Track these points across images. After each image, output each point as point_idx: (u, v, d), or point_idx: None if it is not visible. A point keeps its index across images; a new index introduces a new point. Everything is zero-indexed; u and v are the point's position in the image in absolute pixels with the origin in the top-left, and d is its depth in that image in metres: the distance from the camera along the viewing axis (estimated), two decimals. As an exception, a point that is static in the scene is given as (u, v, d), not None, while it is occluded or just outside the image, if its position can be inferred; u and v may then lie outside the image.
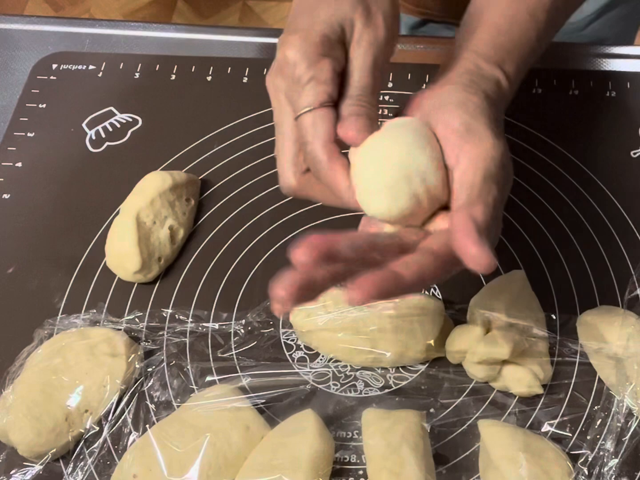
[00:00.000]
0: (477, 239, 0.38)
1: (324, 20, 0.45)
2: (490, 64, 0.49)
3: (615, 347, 0.55)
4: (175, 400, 0.58)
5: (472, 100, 0.45)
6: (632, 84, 0.73)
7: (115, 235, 0.64)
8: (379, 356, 0.57)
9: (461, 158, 0.43)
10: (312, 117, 0.44)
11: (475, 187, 0.42)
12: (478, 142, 0.43)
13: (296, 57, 0.44)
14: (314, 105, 0.44)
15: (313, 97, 0.44)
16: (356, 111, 0.44)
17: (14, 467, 0.55)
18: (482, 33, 0.51)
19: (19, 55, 0.80)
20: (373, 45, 0.45)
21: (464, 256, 0.39)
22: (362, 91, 0.45)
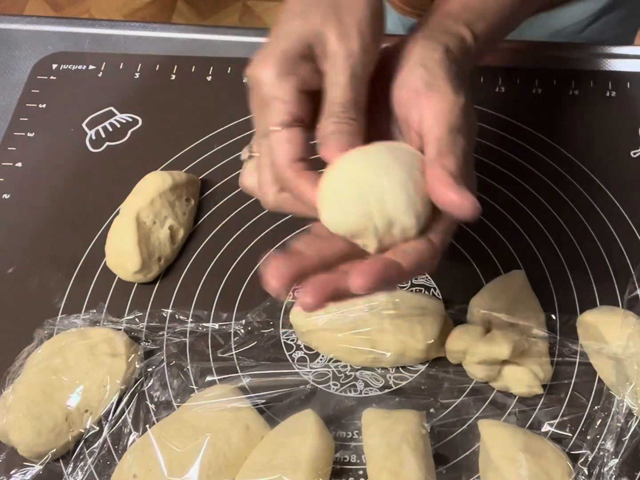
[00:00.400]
0: (455, 186, 0.39)
1: (286, 38, 0.45)
2: (456, 21, 0.49)
3: (615, 347, 0.55)
4: (175, 400, 0.58)
5: (432, 57, 0.45)
6: (632, 84, 0.73)
7: (115, 235, 0.64)
8: (379, 356, 0.57)
9: (424, 115, 0.43)
10: (276, 139, 0.44)
11: (443, 140, 0.42)
12: (439, 97, 0.43)
13: (260, 76, 0.44)
14: (278, 126, 0.44)
15: (277, 118, 0.44)
16: (337, 129, 0.43)
17: (14, 467, 0.55)
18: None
19: (19, 55, 0.80)
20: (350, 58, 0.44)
21: (447, 205, 0.39)
22: (342, 107, 0.44)
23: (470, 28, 0.49)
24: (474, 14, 0.50)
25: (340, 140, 0.43)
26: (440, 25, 0.48)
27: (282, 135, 0.44)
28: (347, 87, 0.44)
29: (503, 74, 0.74)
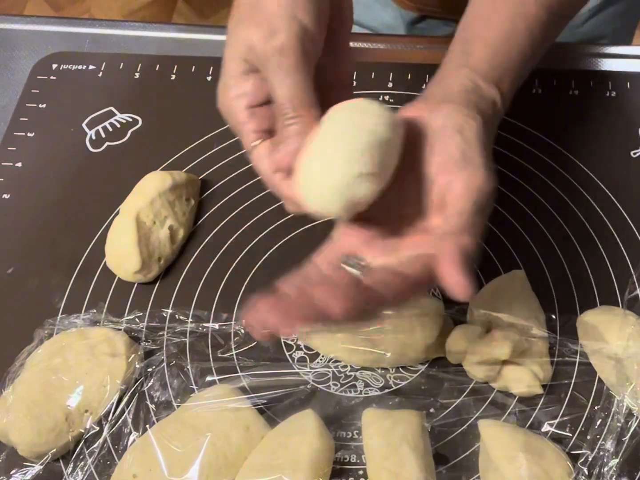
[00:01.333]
0: (462, 269, 0.41)
1: (230, 57, 0.46)
2: (487, 82, 0.49)
3: (615, 347, 0.55)
4: (175, 400, 0.58)
5: (471, 125, 0.45)
6: (632, 84, 0.73)
7: (115, 235, 0.64)
8: (379, 356, 0.57)
9: (455, 184, 0.44)
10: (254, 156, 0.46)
11: (465, 216, 0.43)
12: (473, 171, 0.44)
13: (221, 107, 0.47)
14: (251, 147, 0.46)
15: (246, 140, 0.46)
16: (286, 133, 0.44)
17: (14, 467, 0.55)
18: (480, 49, 0.51)
19: (19, 55, 0.80)
20: (277, 55, 0.44)
21: (448, 282, 0.41)
22: (286, 108, 0.44)
23: (499, 87, 0.50)
24: (500, 70, 0.50)
25: (291, 145, 0.44)
26: (474, 85, 0.49)
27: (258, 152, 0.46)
28: (280, 85, 0.44)
29: (503, 74, 0.74)
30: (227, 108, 0.47)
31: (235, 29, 0.46)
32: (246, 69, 0.46)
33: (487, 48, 0.51)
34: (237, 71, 0.46)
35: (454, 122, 0.45)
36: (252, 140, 0.46)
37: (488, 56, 0.51)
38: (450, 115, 0.46)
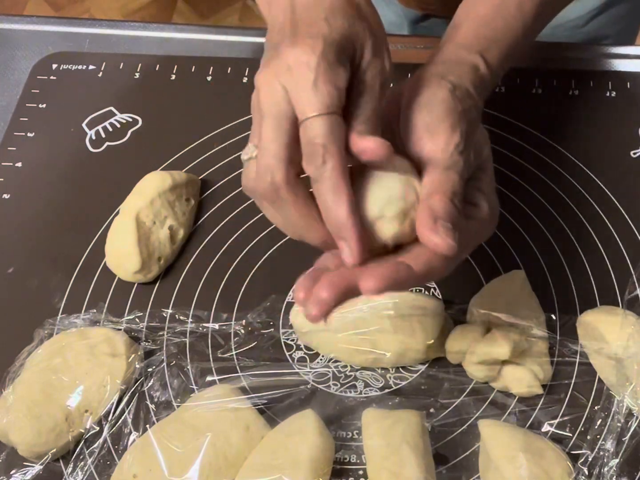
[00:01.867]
0: (431, 225, 0.41)
1: (341, 34, 0.43)
2: (469, 51, 0.50)
3: (615, 347, 0.55)
4: (175, 400, 0.58)
5: (435, 95, 0.45)
6: (632, 84, 0.73)
7: (115, 235, 0.64)
8: (379, 356, 0.57)
9: (421, 156, 0.44)
10: (328, 122, 0.42)
11: (435, 179, 0.43)
12: (435, 139, 0.44)
13: (313, 60, 0.42)
14: (327, 111, 0.42)
15: (329, 100, 0.42)
16: (372, 129, 0.43)
17: (14, 467, 0.55)
18: (467, 25, 0.51)
19: (19, 55, 0.80)
20: (381, 74, 0.44)
21: (426, 244, 0.41)
22: (373, 112, 0.44)
23: (483, 56, 0.50)
24: (485, 42, 0.50)
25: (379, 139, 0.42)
26: (452, 55, 0.49)
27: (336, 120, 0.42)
28: (379, 95, 0.44)
29: (503, 74, 0.74)
30: (325, 64, 0.42)
31: (340, 18, 0.44)
32: (350, 54, 0.44)
33: (473, 22, 0.52)
34: (346, 47, 0.43)
35: (423, 95, 0.46)
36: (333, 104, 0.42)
37: (472, 29, 0.51)
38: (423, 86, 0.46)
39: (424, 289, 0.62)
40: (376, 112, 0.44)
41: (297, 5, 0.45)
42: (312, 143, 0.42)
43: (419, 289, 0.62)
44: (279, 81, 0.42)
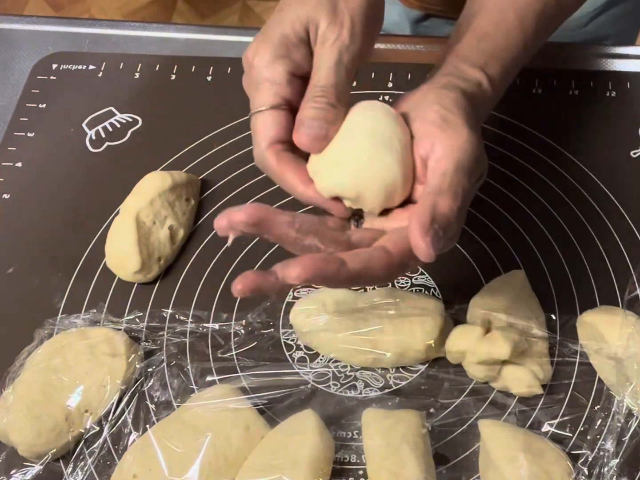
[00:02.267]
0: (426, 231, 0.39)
1: (286, 21, 0.45)
2: (470, 66, 0.49)
3: (615, 347, 0.55)
4: (175, 400, 0.58)
5: (448, 96, 0.46)
6: (632, 84, 0.73)
7: (115, 235, 0.64)
8: (379, 356, 0.57)
9: (436, 146, 0.43)
10: (261, 119, 0.45)
11: (447, 176, 0.42)
12: (453, 132, 0.43)
13: (254, 58, 0.45)
14: (266, 107, 0.44)
15: (265, 98, 0.45)
16: (313, 115, 0.44)
17: (14, 467, 0.55)
18: (469, 38, 0.51)
19: (19, 55, 0.80)
20: (336, 43, 0.44)
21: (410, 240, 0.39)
22: (322, 91, 0.44)
23: (485, 71, 0.49)
24: (487, 56, 0.50)
25: (314, 129, 0.44)
26: (455, 70, 0.49)
27: (266, 116, 0.45)
28: (330, 71, 0.44)
29: (503, 74, 0.74)
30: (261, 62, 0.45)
31: (297, 5, 0.45)
32: (297, 39, 0.45)
33: (474, 36, 0.51)
34: (286, 34, 0.45)
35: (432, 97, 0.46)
36: (266, 104, 0.45)
37: (474, 43, 0.51)
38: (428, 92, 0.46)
39: (423, 289, 0.62)
40: (332, 84, 0.44)
41: None
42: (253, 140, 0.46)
43: (419, 289, 0.62)
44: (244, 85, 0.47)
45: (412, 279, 0.63)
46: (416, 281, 0.63)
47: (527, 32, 0.53)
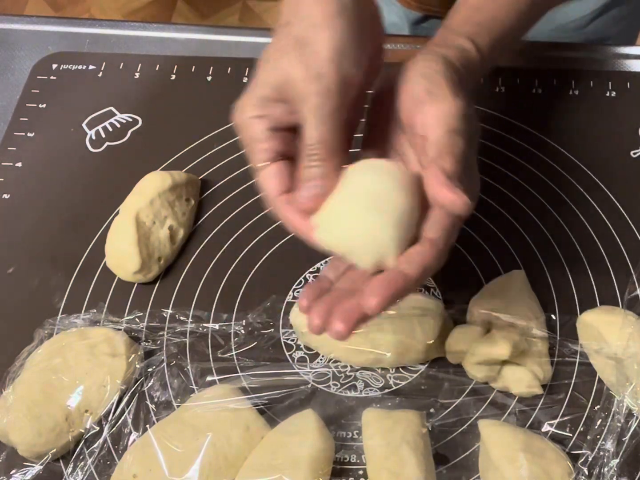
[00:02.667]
0: (448, 184, 0.42)
1: (262, 83, 0.47)
2: (458, 35, 0.51)
3: (615, 347, 0.55)
4: (175, 400, 0.58)
5: (431, 67, 0.47)
6: (632, 84, 0.73)
7: (114, 235, 0.64)
8: (379, 356, 0.57)
9: (426, 119, 0.45)
10: (262, 174, 0.47)
11: (441, 141, 0.44)
12: (439, 102, 0.45)
13: (238, 121, 0.48)
14: (262, 162, 0.47)
15: (258, 155, 0.47)
16: (307, 175, 0.45)
17: (14, 467, 0.55)
18: (460, 11, 0.53)
19: (19, 55, 0.80)
20: (315, 99, 0.45)
21: (440, 201, 0.42)
22: (312, 149, 0.45)
23: (472, 40, 0.50)
24: (476, 26, 0.52)
25: (310, 190, 0.45)
26: (441, 40, 0.50)
27: (267, 171, 0.47)
28: (315, 128, 0.45)
29: (503, 74, 0.74)
30: (244, 124, 0.48)
31: (277, 58, 0.46)
32: (275, 97, 0.47)
33: (465, 9, 0.53)
34: (265, 95, 0.47)
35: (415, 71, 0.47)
36: (263, 160, 0.47)
37: (465, 16, 0.53)
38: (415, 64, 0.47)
39: (424, 289, 0.62)
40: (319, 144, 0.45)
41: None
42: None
43: (419, 289, 0.62)
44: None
45: (412, 279, 0.63)
46: (416, 281, 0.63)
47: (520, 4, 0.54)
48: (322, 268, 0.64)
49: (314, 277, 0.63)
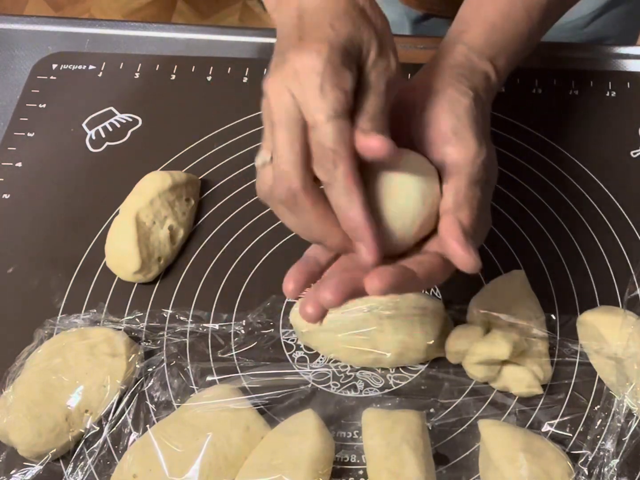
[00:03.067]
0: (464, 242, 0.42)
1: (346, 37, 0.43)
2: (481, 58, 0.50)
3: (615, 347, 0.55)
4: (175, 400, 0.58)
5: (461, 103, 0.46)
6: (632, 84, 0.73)
7: (114, 235, 0.64)
8: (379, 357, 0.57)
9: (447, 161, 0.45)
10: (337, 126, 0.42)
11: (461, 192, 0.44)
12: (463, 148, 0.45)
13: (319, 64, 0.42)
14: (335, 115, 0.42)
15: (336, 105, 0.42)
16: (378, 127, 0.43)
17: (14, 467, 0.55)
18: (477, 28, 0.52)
19: (19, 55, 0.80)
20: (387, 72, 0.44)
21: (452, 258, 0.42)
22: (379, 111, 0.43)
23: (494, 64, 0.51)
24: (496, 49, 0.51)
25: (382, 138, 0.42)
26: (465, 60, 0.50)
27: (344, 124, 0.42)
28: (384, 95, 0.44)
29: (503, 74, 0.74)
30: (332, 64, 0.42)
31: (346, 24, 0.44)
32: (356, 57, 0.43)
33: (483, 26, 0.52)
34: (351, 51, 0.43)
35: (445, 99, 0.46)
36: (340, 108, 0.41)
37: (483, 34, 0.52)
38: (442, 92, 0.47)
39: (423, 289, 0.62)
40: (382, 111, 0.43)
41: (304, 11, 0.45)
42: (322, 147, 0.42)
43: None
44: (287, 87, 0.42)
45: (412, 279, 0.63)
46: (416, 281, 0.63)
47: (533, 23, 0.53)
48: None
49: (314, 277, 0.63)
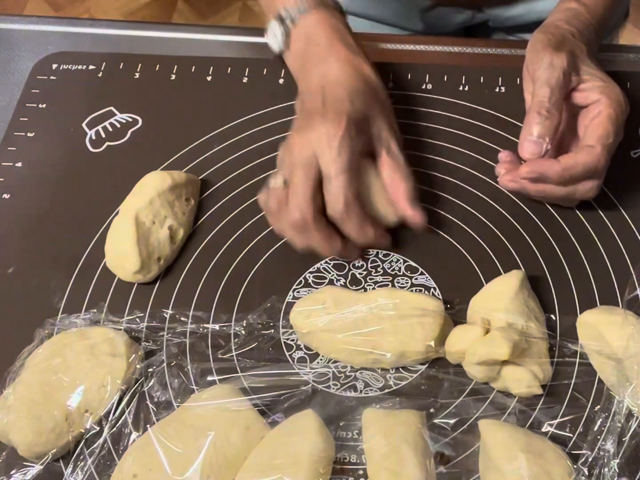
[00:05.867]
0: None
1: (360, 112, 0.60)
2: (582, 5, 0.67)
3: (615, 347, 0.55)
4: (175, 401, 0.58)
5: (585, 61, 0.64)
6: (632, 84, 0.73)
7: (114, 235, 0.64)
8: (379, 357, 0.57)
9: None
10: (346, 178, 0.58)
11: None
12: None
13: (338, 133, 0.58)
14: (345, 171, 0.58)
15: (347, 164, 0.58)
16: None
17: (14, 467, 0.55)
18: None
19: (19, 55, 0.80)
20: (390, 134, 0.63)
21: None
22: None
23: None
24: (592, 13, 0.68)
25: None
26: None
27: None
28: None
29: (503, 74, 0.74)
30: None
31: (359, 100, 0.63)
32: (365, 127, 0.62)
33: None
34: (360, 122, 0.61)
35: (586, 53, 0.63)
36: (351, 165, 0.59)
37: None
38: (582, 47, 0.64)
39: (423, 289, 0.62)
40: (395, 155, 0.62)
41: (326, 84, 0.62)
42: (335, 195, 0.58)
43: (419, 289, 0.62)
44: (310, 146, 0.58)
45: (412, 279, 0.63)
46: (416, 281, 0.63)
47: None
48: (321, 268, 0.64)
49: (314, 277, 0.63)
